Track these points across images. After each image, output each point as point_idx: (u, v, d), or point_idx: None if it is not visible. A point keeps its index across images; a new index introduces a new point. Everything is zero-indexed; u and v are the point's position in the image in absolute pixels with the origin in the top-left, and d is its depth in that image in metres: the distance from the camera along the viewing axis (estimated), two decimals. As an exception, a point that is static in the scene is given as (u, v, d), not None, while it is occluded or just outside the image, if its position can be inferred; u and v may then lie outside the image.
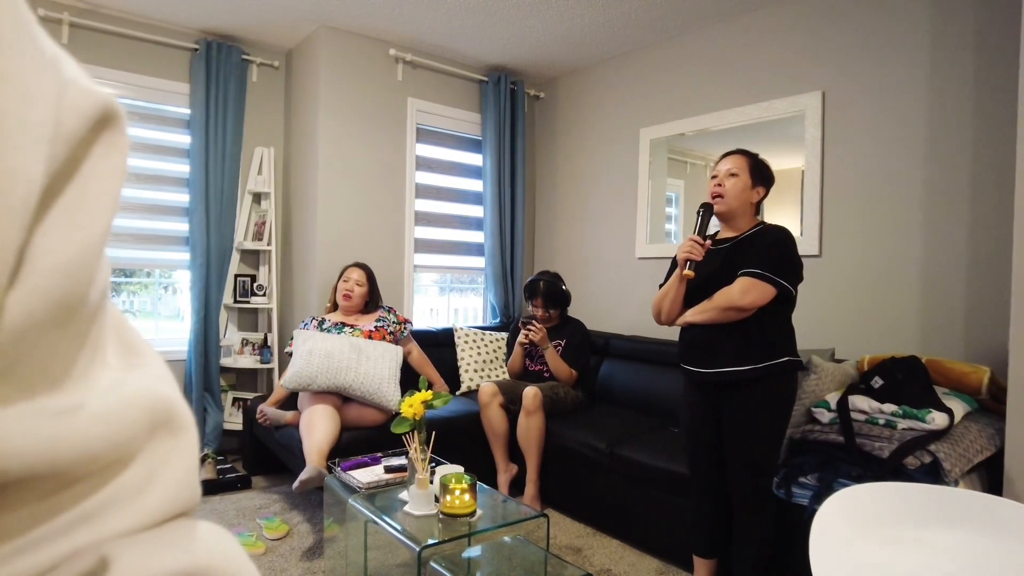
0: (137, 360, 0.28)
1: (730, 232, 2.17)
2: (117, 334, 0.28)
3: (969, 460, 2.07)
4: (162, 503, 0.27)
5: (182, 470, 0.28)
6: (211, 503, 3.08)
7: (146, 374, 0.28)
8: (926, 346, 2.73)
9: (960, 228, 2.66)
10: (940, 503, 1.41)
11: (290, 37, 3.92)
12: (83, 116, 0.23)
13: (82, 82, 0.23)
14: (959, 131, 2.67)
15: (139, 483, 0.26)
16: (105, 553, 0.24)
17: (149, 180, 3.68)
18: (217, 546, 0.28)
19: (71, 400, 0.23)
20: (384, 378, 2.96)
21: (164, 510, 0.27)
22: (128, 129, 0.25)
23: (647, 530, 2.71)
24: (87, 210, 0.23)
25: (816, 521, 1.32)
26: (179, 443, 0.28)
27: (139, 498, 0.26)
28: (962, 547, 1.30)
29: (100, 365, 0.26)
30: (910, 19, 2.80)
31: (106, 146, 0.24)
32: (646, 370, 3.49)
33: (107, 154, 0.24)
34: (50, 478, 0.23)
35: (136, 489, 0.26)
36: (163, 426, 0.27)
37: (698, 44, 3.65)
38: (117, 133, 0.25)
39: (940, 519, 1.37)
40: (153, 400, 0.27)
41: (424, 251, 4.24)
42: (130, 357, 0.28)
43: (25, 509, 0.22)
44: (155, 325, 3.88)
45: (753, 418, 2.04)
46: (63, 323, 0.23)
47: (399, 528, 1.96)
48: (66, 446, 0.22)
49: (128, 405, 0.25)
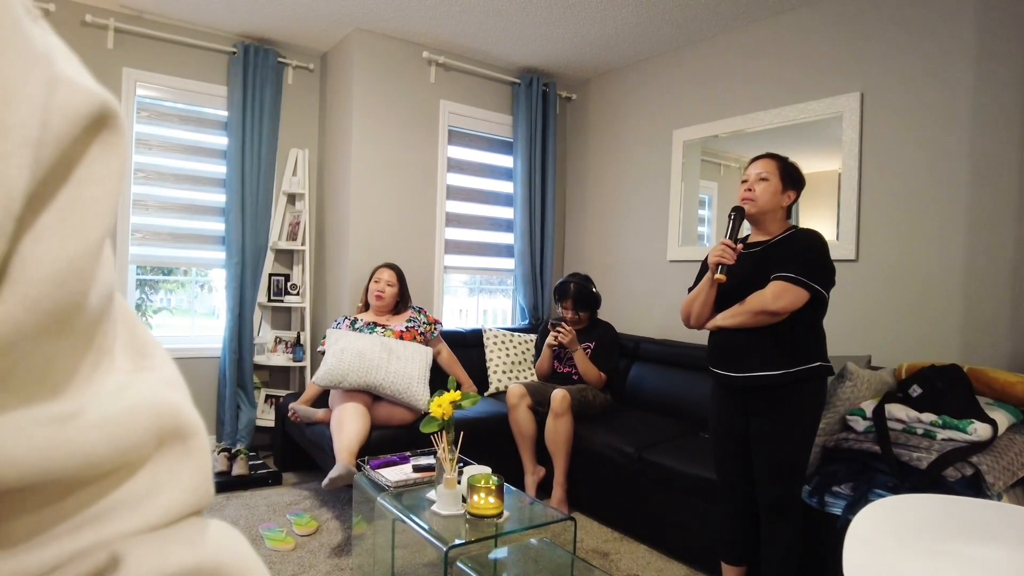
0: (146, 363, 0.28)
1: (761, 236, 2.14)
2: (128, 335, 0.27)
3: (1014, 473, 2.00)
4: (172, 505, 0.27)
5: (192, 475, 0.28)
6: (243, 498, 3.14)
7: (154, 378, 0.27)
8: (968, 354, 2.65)
9: (1006, 233, 2.58)
10: (982, 517, 1.37)
11: (325, 40, 3.98)
12: (75, 117, 0.22)
13: (76, 80, 0.22)
14: (1007, 132, 2.59)
15: (147, 489, 0.26)
16: (116, 551, 0.24)
17: (187, 180, 3.77)
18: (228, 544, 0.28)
19: (71, 406, 0.23)
20: (414, 378, 2.98)
21: (174, 511, 0.27)
22: (126, 130, 0.24)
23: (675, 536, 2.68)
24: (82, 215, 0.22)
25: (851, 531, 1.29)
26: (188, 449, 0.28)
27: (148, 501, 0.26)
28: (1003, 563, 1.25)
29: (106, 369, 0.25)
30: (955, 16, 2.72)
31: (102, 148, 0.23)
32: (676, 374, 3.45)
33: (103, 156, 0.23)
34: (51, 485, 0.22)
35: (144, 494, 0.26)
36: (171, 435, 0.27)
37: (732, 44, 3.60)
38: (114, 134, 0.23)
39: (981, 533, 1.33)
40: (159, 408, 0.26)
41: (454, 252, 4.26)
42: (139, 360, 0.28)
43: (28, 516, 0.22)
44: (191, 323, 3.97)
45: (782, 424, 2.01)
46: (59, 332, 0.22)
47: (426, 527, 1.97)
48: (64, 453, 0.22)
49: (132, 412, 0.25)
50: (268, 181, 3.84)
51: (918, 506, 1.39)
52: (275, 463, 3.59)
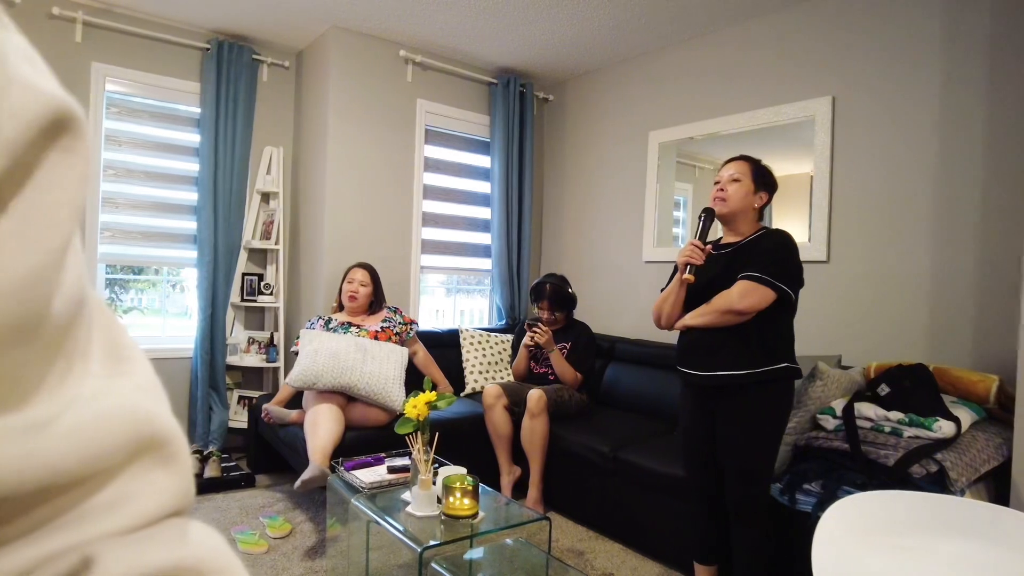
0: (122, 367, 0.27)
1: (732, 237, 2.17)
2: (104, 339, 0.27)
3: (976, 470, 2.05)
4: (149, 509, 0.26)
5: (170, 480, 0.27)
6: (214, 501, 3.10)
7: (129, 384, 0.27)
8: (934, 354, 2.71)
9: (970, 234, 2.64)
10: (945, 513, 1.40)
11: (301, 38, 3.94)
12: (29, 121, 0.21)
13: (31, 82, 0.21)
14: (970, 139, 2.65)
15: (123, 494, 0.25)
16: (89, 552, 0.23)
17: (158, 178, 3.70)
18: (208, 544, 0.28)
19: (41, 415, 0.22)
20: (389, 378, 2.96)
21: (152, 514, 0.26)
22: (88, 133, 0.23)
23: (649, 535, 2.70)
24: (41, 224, 0.21)
25: (819, 528, 1.31)
26: (165, 456, 0.27)
27: (124, 505, 0.25)
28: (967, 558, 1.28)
29: (79, 375, 0.24)
30: (922, 25, 2.79)
31: (62, 153, 0.22)
32: (651, 374, 3.48)
33: (63, 161, 0.22)
34: (21, 496, 0.22)
35: (120, 499, 0.25)
36: (147, 443, 0.26)
37: (708, 48, 3.64)
38: (75, 138, 0.22)
39: (945, 529, 1.36)
40: (133, 416, 0.26)
41: (431, 252, 4.24)
42: (115, 364, 0.27)
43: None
44: (162, 322, 3.90)
45: (748, 425, 2.03)
46: (23, 341, 0.21)
47: (401, 529, 1.96)
48: (34, 466, 0.21)
49: (104, 421, 0.24)
50: (242, 179, 3.79)
51: (884, 503, 1.42)
52: (248, 465, 3.55)
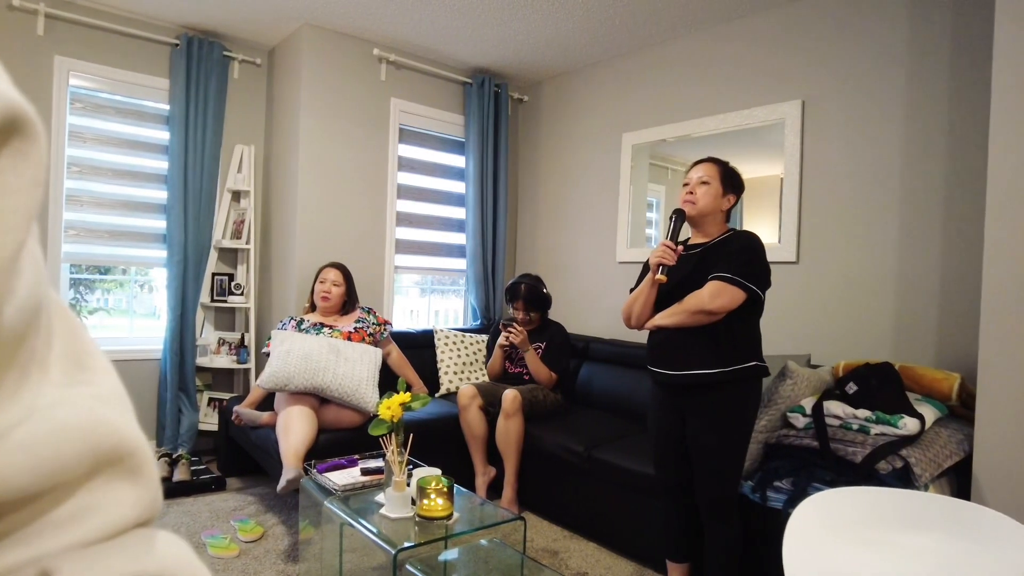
0: (83, 376, 0.26)
1: (701, 238, 2.20)
2: (65, 347, 0.26)
3: (939, 465, 2.10)
4: (112, 521, 0.26)
5: (132, 491, 0.27)
6: (184, 505, 3.04)
7: (89, 394, 0.26)
8: (899, 353, 2.78)
9: (934, 238, 2.71)
10: (910, 507, 1.44)
11: (273, 35, 3.89)
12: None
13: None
14: (933, 143, 2.72)
15: (83, 508, 0.25)
16: (47, 566, 0.23)
17: (125, 176, 3.62)
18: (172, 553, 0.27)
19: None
20: (362, 380, 2.94)
21: (115, 526, 0.26)
22: (42, 136, 0.23)
23: (623, 533, 2.72)
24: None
25: (790, 524, 1.33)
26: (128, 468, 0.27)
27: (85, 518, 0.25)
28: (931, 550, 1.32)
29: (36, 384, 0.24)
30: (888, 32, 2.85)
31: (13, 157, 0.21)
32: (625, 373, 3.51)
33: (14, 166, 0.21)
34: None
35: (80, 512, 0.25)
36: (108, 456, 0.26)
37: (680, 51, 3.68)
38: (27, 142, 0.22)
39: (910, 523, 1.39)
40: (93, 428, 0.25)
41: (405, 252, 4.22)
42: (76, 373, 0.26)
43: None
44: (130, 323, 3.82)
45: (718, 423, 2.05)
46: None
47: (375, 531, 1.95)
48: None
49: (62, 433, 0.24)
50: (212, 178, 3.73)
51: (852, 499, 1.45)
52: (219, 468, 3.49)
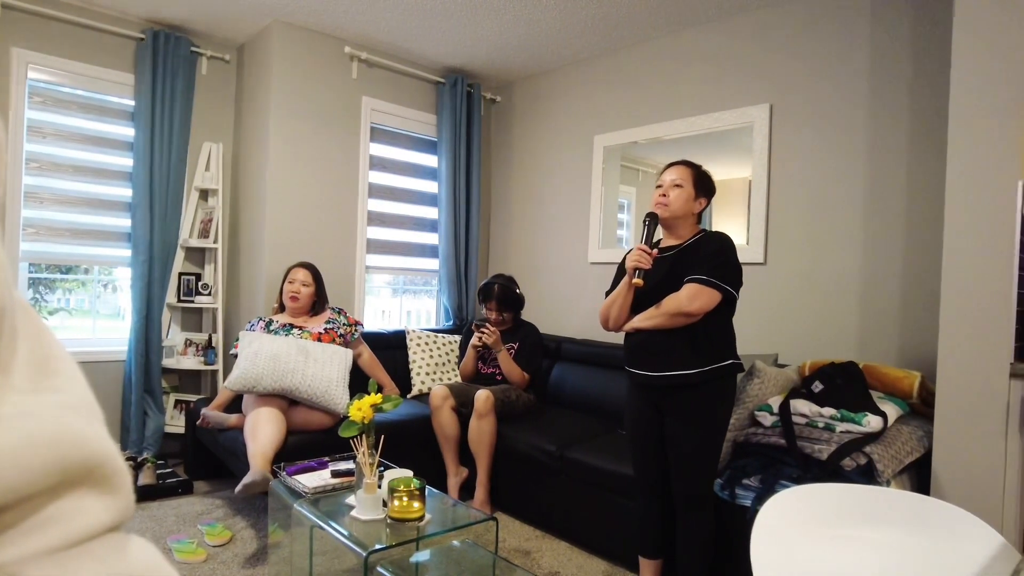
0: (49, 382, 0.26)
1: (673, 240, 2.22)
2: (31, 351, 0.26)
3: (900, 461, 2.15)
4: (80, 529, 0.25)
5: (101, 500, 0.26)
6: (149, 509, 2.97)
7: (55, 402, 0.26)
8: (863, 352, 2.84)
9: (896, 240, 2.78)
10: (873, 503, 1.47)
11: (242, 31, 3.83)
12: None
13: None
14: (895, 149, 2.79)
15: (50, 518, 0.24)
16: (13, 572, 0.22)
17: (88, 173, 3.54)
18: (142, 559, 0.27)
19: None
20: (332, 381, 2.91)
21: (83, 534, 0.25)
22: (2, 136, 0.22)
23: (595, 532, 2.74)
24: None
25: (757, 521, 1.36)
26: (98, 478, 0.26)
27: (52, 527, 0.24)
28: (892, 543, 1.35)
29: (0, 389, 0.23)
30: (852, 38, 2.92)
31: None
32: (597, 373, 3.53)
33: None
34: None
35: (47, 522, 0.24)
36: (77, 469, 0.25)
37: (652, 54, 3.72)
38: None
39: (873, 518, 1.43)
40: (60, 439, 0.24)
41: (377, 252, 4.19)
42: (41, 379, 0.26)
43: None
44: (93, 324, 3.73)
45: (695, 421, 2.09)
46: None
47: (346, 533, 1.93)
48: None
49: (26, 446, 0.23)
50: (179, 176, 3.65)
51: (817, 495, 1.48)
52: (185, 471, 3.42)
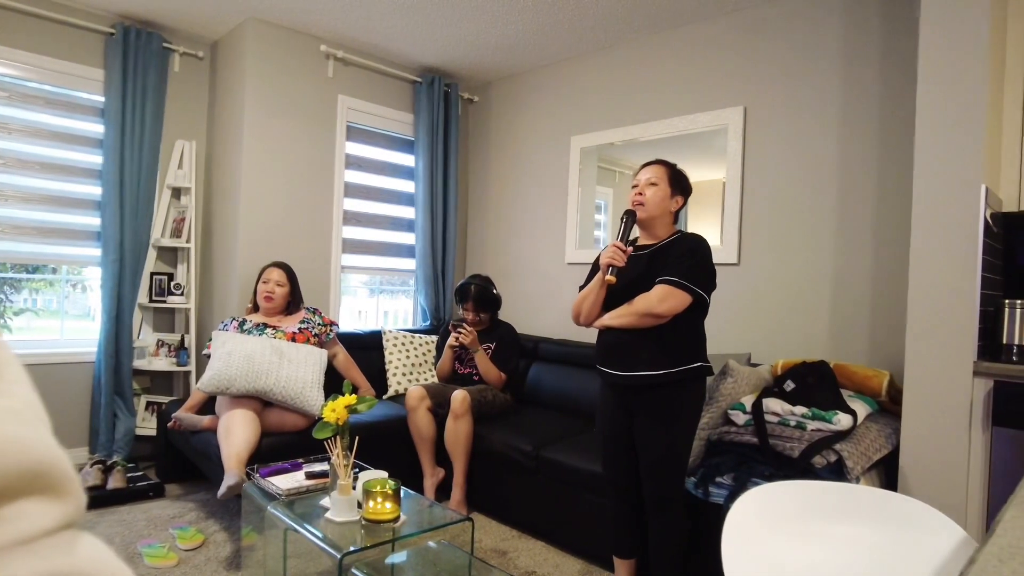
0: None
1: (649, 239, 2.24)
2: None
3: (869, 458, 2.20)
4: (28, 532, 0.25)
5: (50, 507, 0.26)
6: (119, 514, 2.92)
7: (2, 407, 0.25)
8: (834, 351, 2.89)
9: (866, 242, 2.84)
10: (842, 499, 1.50)
11: (216, 28, 3.78)
12: None
13: None
14: (865, 152, 2.85)
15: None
16: None
17: (56, 170, 3.46)
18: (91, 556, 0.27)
19: None
20: (307, 382, 2.88)
21: (29, 534, 0.25)
22: None
23: (571, 531, 2.75)
24: None
25: (728, 518, 1.37)
26: (43, 487, 0.26)
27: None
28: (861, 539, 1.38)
29: None
30: (823, 43, 2.97)
31: None
32: (574, 373, 3.54)
33: None
34: None
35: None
36: (21, 478, 0.25)
37: (628, 56, 3.75)
38: None
39: (842, 514, 1.45)
40: (5, 448, 0.24)
41: (353, 252, 4.16)
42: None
43: None
44: (61, 325, 3.65)
45: (665, 422, 2.10)
46: None
47: (320, 535, 1.91)
48: None
49: None
50: (151, 174, 3.59)
51: (789, 492, 1.50)
52: (157, 474, 3.36)
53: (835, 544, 1.39)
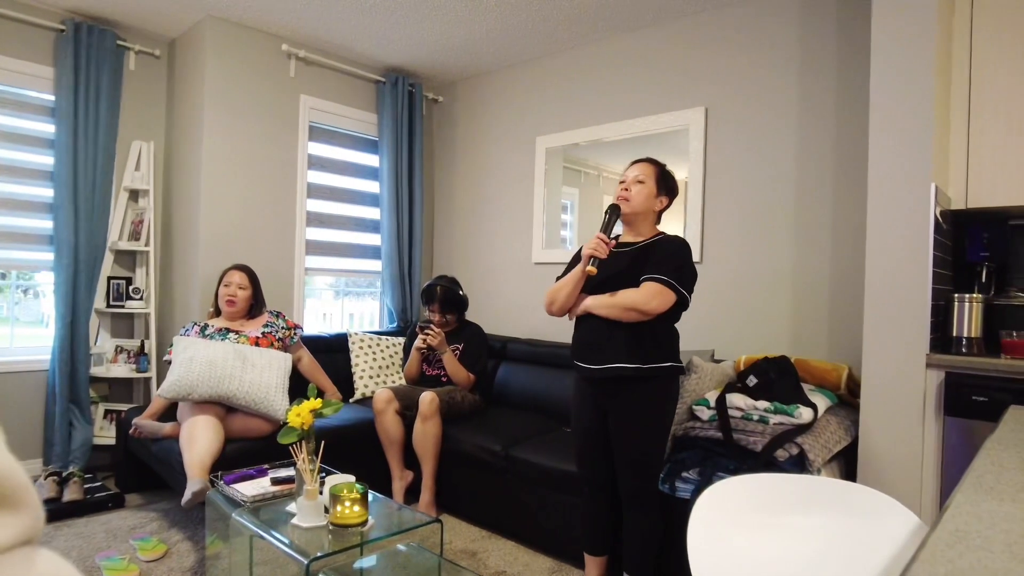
0: None
1: (632, 237, 2.25)
2: None
3: (829, 450, 2.26)
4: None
5: (6, 521, 0.25)
6: (76, 526, 2.83)
7: None
8: (795, 346, 2.96)
9: (824, 239, 2.91)
10: (803, 490, 1.54)
11: (173, 25, 3.69)
12: None
13: None
14: (822, 151, 2.92)
15: None
16: None
17: (3, 171, 3.34)
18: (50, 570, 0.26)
19: None
20: (271, 387, 2.84)
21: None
22: None
23: (541, 530, 2.76)
24: None
25: (693, 513, 1.40)
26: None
27: None
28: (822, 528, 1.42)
29: None
30: (782, 46, 3.04)
31: None
32: (542, 373, 3.56)
33: None
34: None
35: None
36: None
37: (591, 57, 3.78)
38: None
39: (804, 505, 1.49)
40: None
41: (317, 253, 4.11)
42: None
43: None
44: (11, 332, 3.52)
45: (637, 417, 2.13)
46: None
47: (287, 541, 1.89)
48: None
49: None
50: (106, 175, 3.49)
51: (750, 486, 1.53)
52: (116, 484, 3.27)
53: (798, 535, 1.42)
